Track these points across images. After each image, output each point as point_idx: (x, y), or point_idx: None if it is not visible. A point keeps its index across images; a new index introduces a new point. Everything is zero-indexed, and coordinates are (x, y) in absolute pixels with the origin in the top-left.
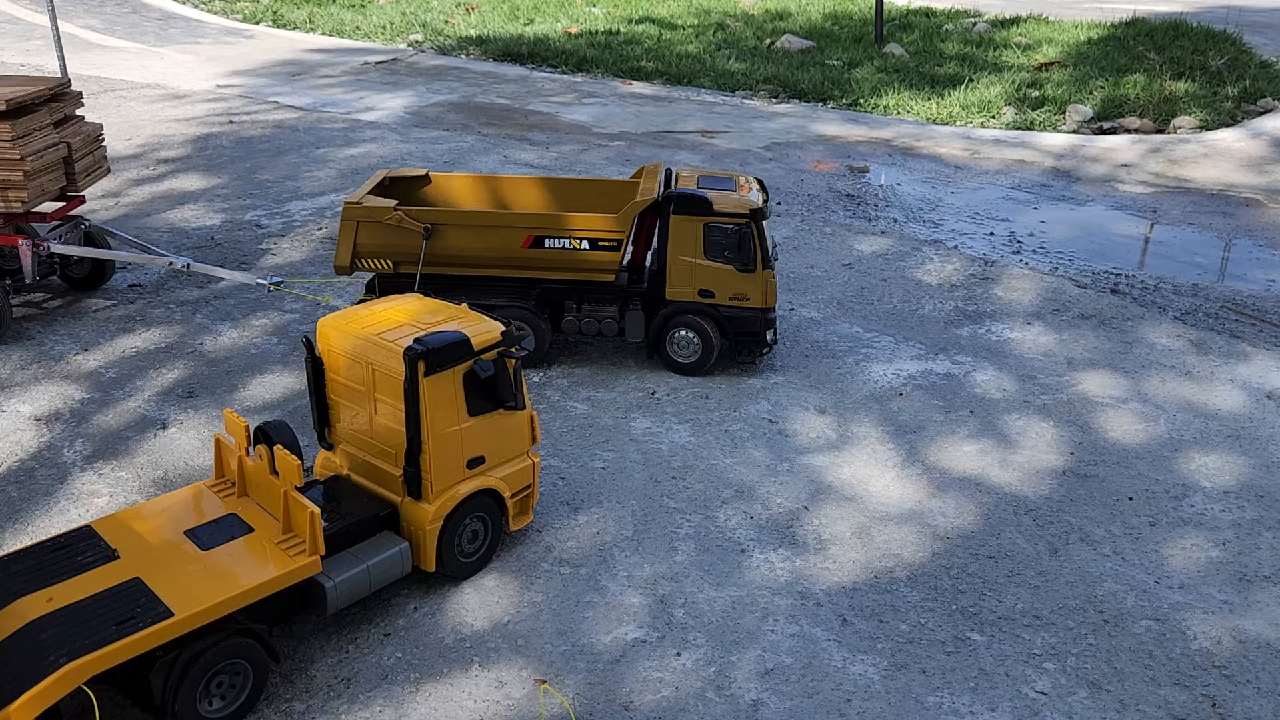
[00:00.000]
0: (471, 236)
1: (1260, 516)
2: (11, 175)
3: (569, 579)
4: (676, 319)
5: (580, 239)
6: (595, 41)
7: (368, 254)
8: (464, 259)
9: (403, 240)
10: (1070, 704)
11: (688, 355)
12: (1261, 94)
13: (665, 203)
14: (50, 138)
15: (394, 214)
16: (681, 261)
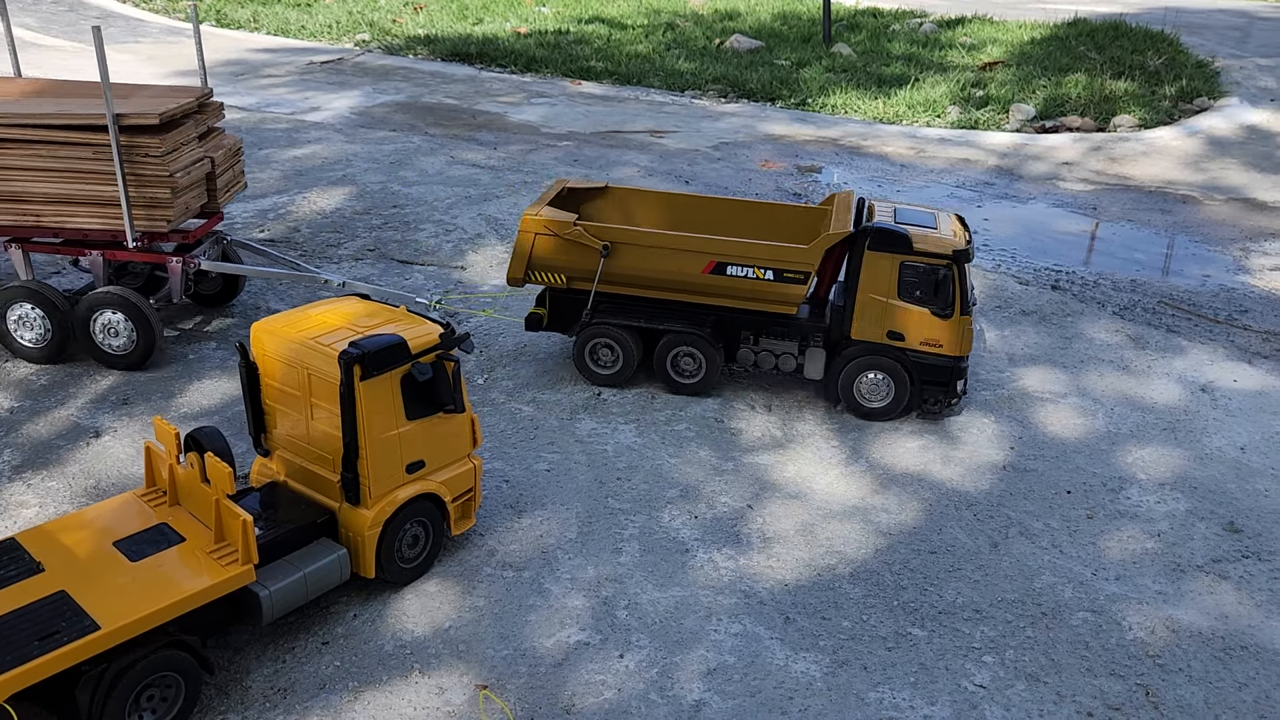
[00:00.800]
0: (651, 257)
1: (1194, 508)
2: (159, 193)
3: (512, 582)
4: (864, 360)
5: (765, 269)
6: (544, 41)
7: (542, 267)
8: (640, 280)
9: (580, 256)
10: (1008, 696)
11: (879, 400)
12: (1198, 93)
13: (861, 236)
14: (196, 152)
15: (574, 229)
16: (872, 300)
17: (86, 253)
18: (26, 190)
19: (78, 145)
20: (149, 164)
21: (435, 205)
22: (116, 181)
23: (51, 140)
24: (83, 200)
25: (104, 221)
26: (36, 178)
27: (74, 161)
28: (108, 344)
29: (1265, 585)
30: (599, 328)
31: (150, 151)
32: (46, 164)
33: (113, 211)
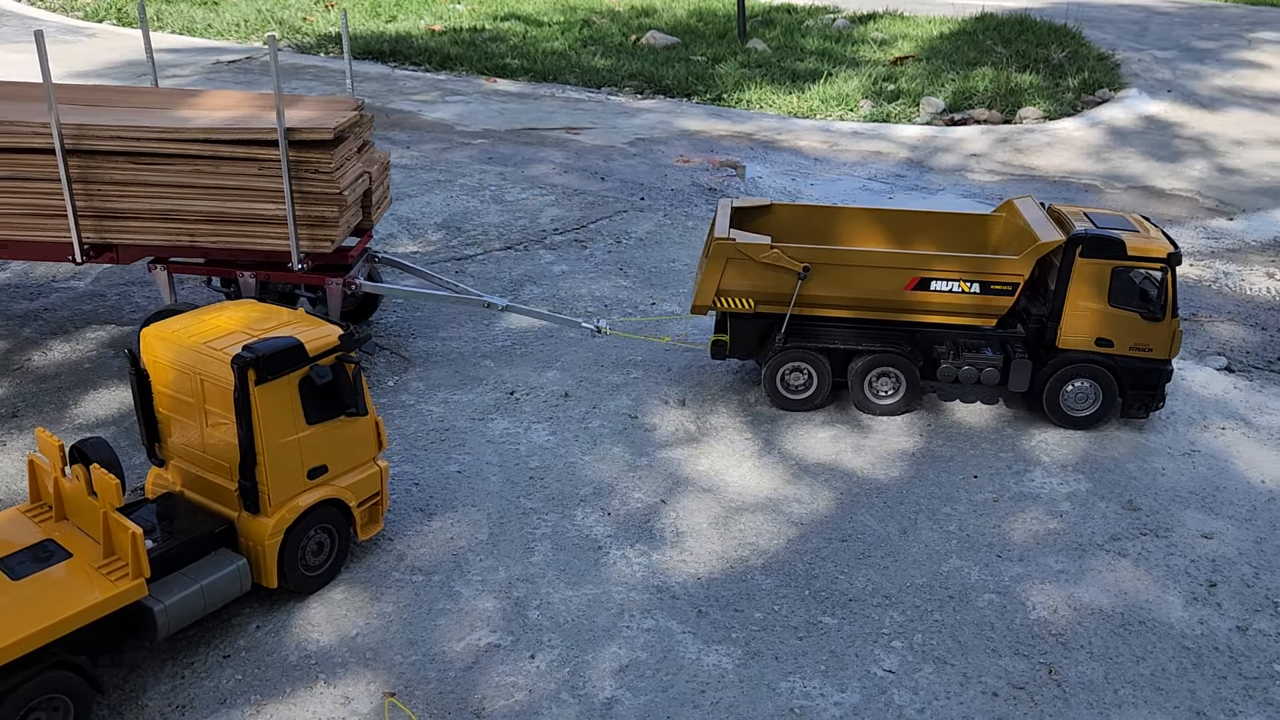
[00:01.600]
0: (851, 276)
1: (1093, 488)
2: (326, 211)
3: (421, 587)
4: (1070, 369)
5: (972, 281)
6: (459, 39)
7: (731, 293)
8: (835, 300)
9: (772, 279)
10: (916, 680)
11: (1084, 408)
12: (1099, 85)
13: (1071, 244)
14: (357, 167)
15: (771, 251)
16: (1082, 307)
17: (240, 274)
18: (183, 208)
19: (243, 161)
20: (318, 181)
21: None
22: (281, 199)
23: (216, 155)
24: (242, 219)
25: (265, 241)
26: (195, 195)
27: (237, 178)
28: None
29: (1161, 561)
30: (793, 352)
31: (320, 167)
32: (207, 180)
33: (274, 230)
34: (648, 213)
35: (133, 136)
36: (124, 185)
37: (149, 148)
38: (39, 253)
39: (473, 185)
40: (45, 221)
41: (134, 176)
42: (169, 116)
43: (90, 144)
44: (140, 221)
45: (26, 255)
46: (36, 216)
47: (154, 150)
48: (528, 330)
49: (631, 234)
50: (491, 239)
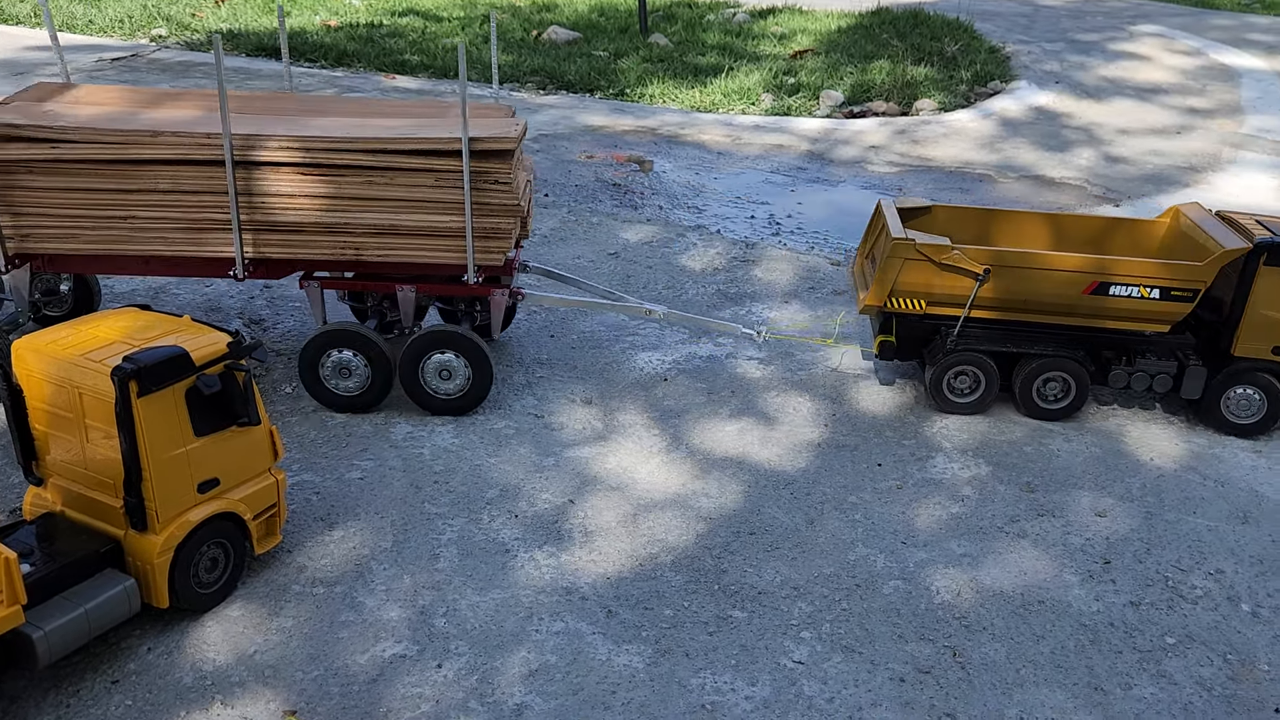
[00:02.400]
0: (1029, 280)
1: (993, 471)
2: (502, 222)
3: (323, 599)
4: (1237, 376)
5: (1152, 287)
6: (356, 35)
7: (904, 293)
8: (1008, 303)
9: (948, 280)
10: (825, 670)
11: (1248, 416)
12: (991, 77)
13: (1256, 252)
14: (522, 176)
15: (952, 253)
16: (1263, 316)
17: (398, 287)
18: (351, 221)
19: (420, 172)
20: (496, 191)
21: None
22: (456, 210)
23: (391, 167)
24: (412, 231)
25: (435, 254)
26: (364, 207)
27: (411, 190)
28: (438, 388)
29: (1059, 541)
30: (963, 354)
31: (500, 178)
32: (379, 192)
33: (445, 243)
34: (552, 209)
35: (304, 147)
36: (290, 198)
37: (320, 159)
38: (194, 268)
39: None
40: (203, 236)
41: (302, 189)
42: (337, 126)
43: (259, 155)
44: (304, 235)
45: (180, 271)
46: (195, 231)
47: (326, 161)
48: None
49: (536, 230)
50: None
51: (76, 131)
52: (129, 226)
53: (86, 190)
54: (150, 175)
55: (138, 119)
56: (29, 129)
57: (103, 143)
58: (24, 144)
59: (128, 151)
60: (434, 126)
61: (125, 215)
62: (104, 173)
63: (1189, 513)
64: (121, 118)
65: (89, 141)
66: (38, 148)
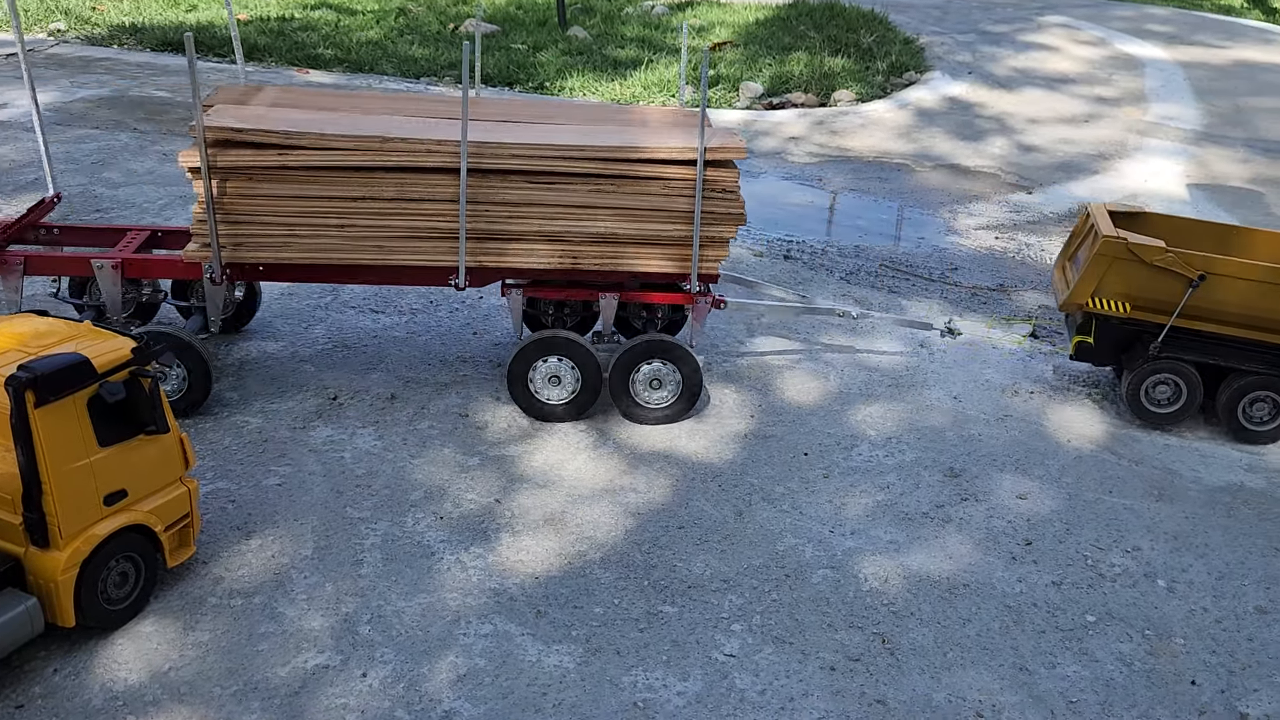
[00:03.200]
0: (1247, 291)
1: (918, 457)
2: (726, 231)
3: (241, 611)
4: None
5: None
6: (267, 28)
7: (1109, 294)
8: (1221, 315)
9: (1158, 284)
10: (757, 662)
11: None
12: (906, 68)
13: None
14: None
15: (1166, 255)
16: None
17: (601, 295)
18: (571, 229)
19: (650, 180)
20: (724, 200)
21: (146, 208)
22: (682, 219)
23: (621, 175)
24: (632, 240)
25: (652, 262)
26: (588, 215)
27: (639, 198)
28: (648, 399)
29: (982, 524)
30: (1166, 363)
31: (728, 187)
32: (605, 201)
33: (665, 251)
34: None
35: (536, 155)
36: (515, 206)
37: (551, 166)
38: (404, 277)
39: None
40: (419, 244)
41: (529, 197)
42: (563, 133)
43: (490, 163)
44: (524, 243)
45: (388, 279)
46: (412, 239)
47: (556, 169)
48: (349, 332)
49: None
50: None
51: (303, 137)
52: (345, 235)
53: (306, 197)
54: (375, 182)
55: (363, 125)
56: (253, 134)
57: (332, 149)
58: (248, 150)
59: (357, 158)
60: (655, 135)
61: (343, 224)
62: (328, 179)
63: (1107, 492)
64: (345, 123)
65: (318, 148)
66: (264, 154)
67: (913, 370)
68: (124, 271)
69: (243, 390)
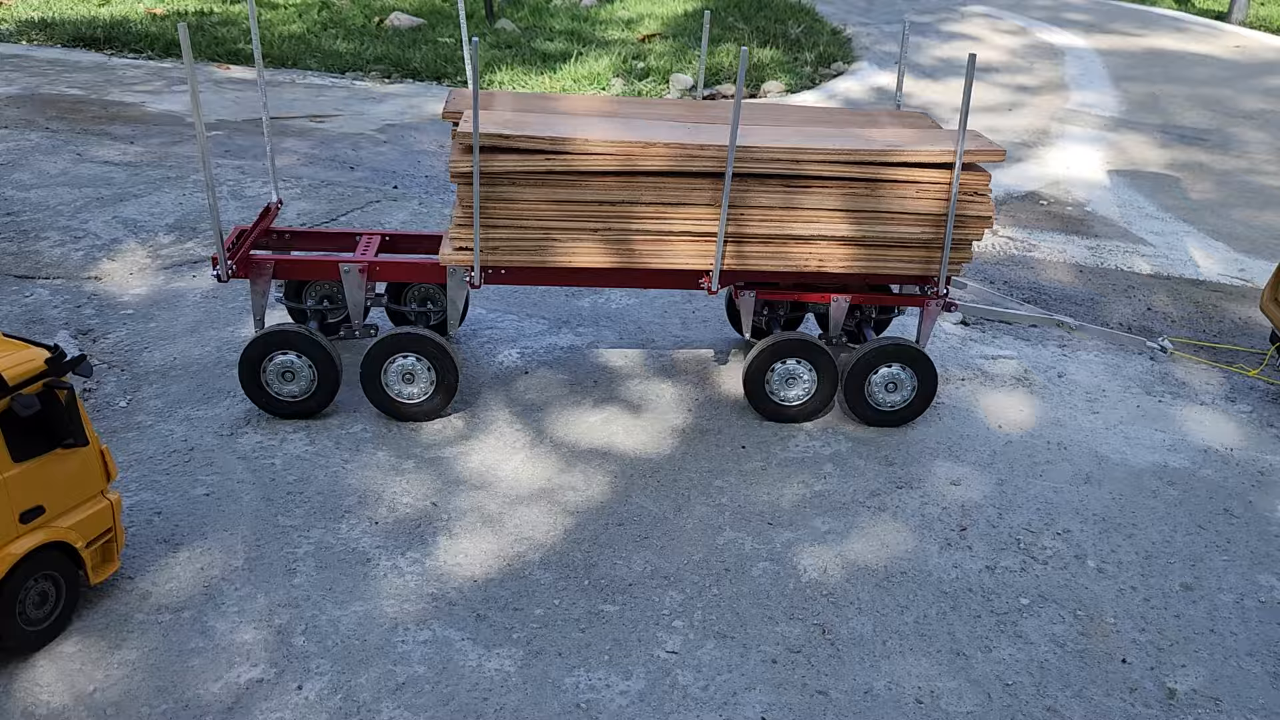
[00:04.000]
0: None
1: (854, 447)
2: (973, 234)
3: (169, 626)
4: None
5: None
6: (185, 23)
7: None
8: None
9: None
10: (699, 657)
11: None
12: (834, 58)
13: None
14: None
15: None
16: None
17: (832, 297)
18: (819, 233)
19: (904, 184)
20: (975, 204)
21: (59, 210)
22: (932, 223)
23: (876, 179)
24: (877, 242)
25: (895, 265)
26: (837, 219)
27: (890, 201)
28: (885, 401)
29: (916, 511)
30: None
31: (979, 190)
32: (857, 204)
33: (909, 254)
34: (402, 202)
35: (797, 159)
36: (769, 209)
37: (812, 170)
38: (651, 280)
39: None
40: (669, 247)
41: (784, 200)
42: (811, 136)
43: (749, 166)
44: (773, 246)
45: (633, 283)
46: (662, 242)
47: (815, 174)
48: None
49: (386, 225)
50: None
51: (569, 142)
52: (599, 238)
53: (566, 202)
54: (635, 187)
55: (621, 130)
56: (521, 140)
57: (596, 154)
58: (515, 155)
59: (620, 163)
60: (902, 138)
61: (599, 227)
62: (589, 184)
63: (1036, 477)
64: (604, 128)
65: (583, 153)
66: (531, 159)
67: None
68: (369, 275)
69: (167, 398)
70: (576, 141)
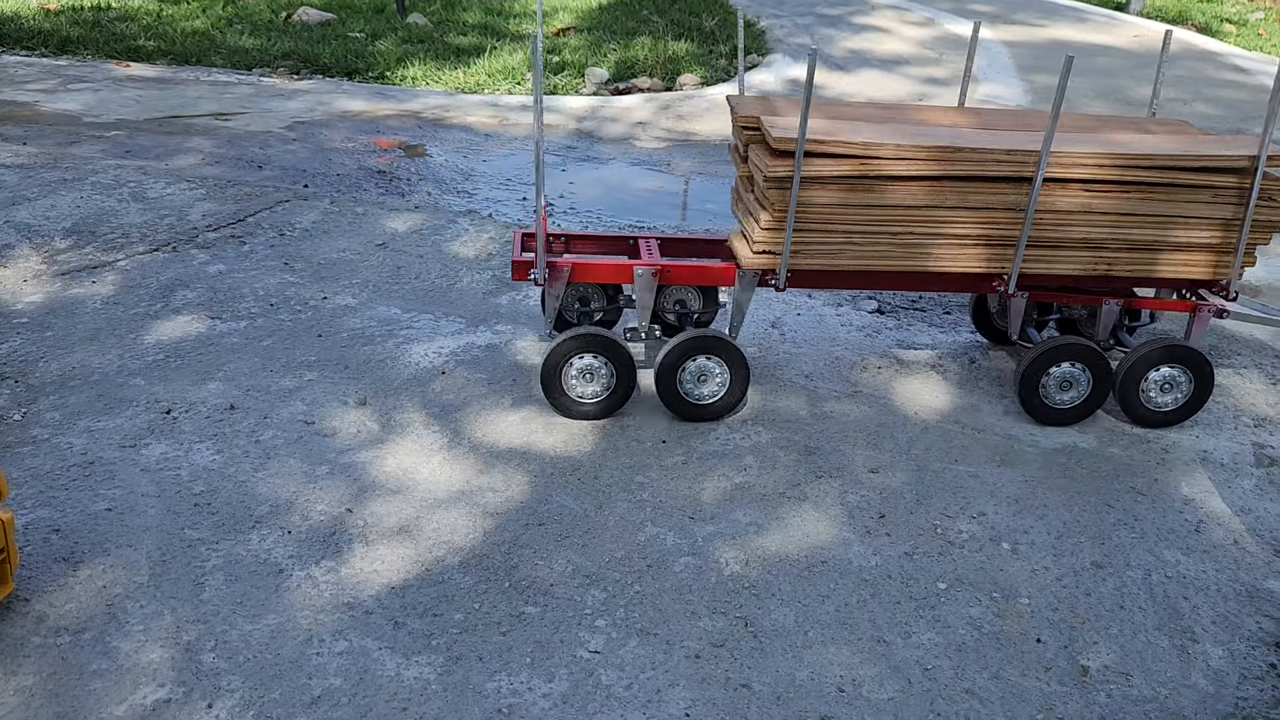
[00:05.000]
0: None
1: (774, 438)
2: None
3: (69, 649)
4: None
5: None
6: (81, 19)
7: None
8: None
9: None
10: (622, 656)
11: None
12: (748, 51)
13: None
14: None
15: None
16: None
17: (1104, 300)
18: (1110, 236)
19: (1199, 188)
20: (1270, 209)
21: None
22: (1224, 227)
23: (1174, 183)
24: (1164, 246)
25: (1179, 269)
26: (1129, 223)
27: (1184, 206)
28: (1160, 402)
29: (837, 500)
30: None
31: (1275, 195)
32: (1151, 209)
33: (1191, 258)
34: (313, 201)
35: (1101, 164)
36: (1066, 214)
37: (1114, 175)
38: (940, 284)
39: (107, 183)
40: (966, 251)
41: (1081, 204)
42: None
43: (1052, 171)
44: (1064, 250)
45: (921, 285)
46: (959, 246)
47: (1117, 179)
48: (183, 340)
49: (296, 225)
50: (133, 242)
51: (882, 148)
52: (896, 242)
53: (870, 206)
54: (940, 191)
55: (922, 135)
56: (835, 145)
57: (906, 159)
58: (828, 160)
59: (928, 168)
60: (1202, 144)
61: (897, 231)
62: (896, 189)
63: (953, 461)
64: (908, 133)
65: (894, 158)
66: (843, 164)
67: (765, 352)
68: (660, 278)
69: (65, 409)
70: (888, 147)
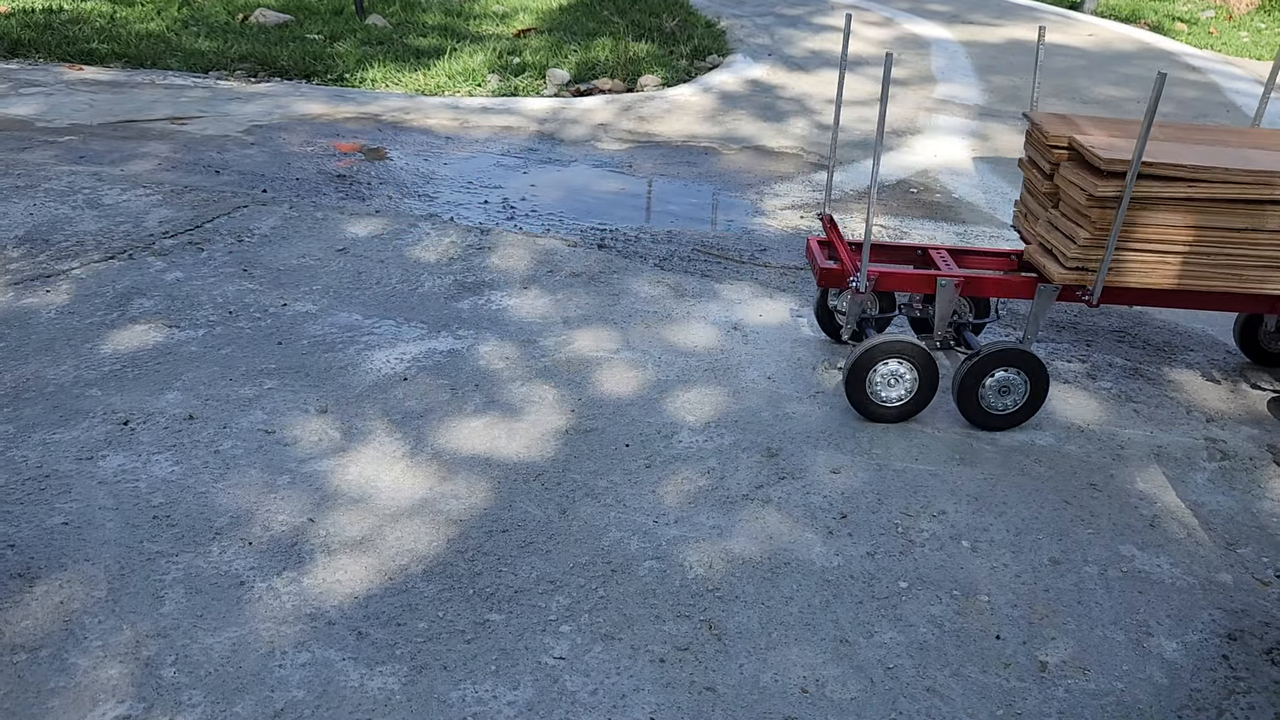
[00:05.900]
0: None
1: (737, 440)
2: None
3: (25, 667)
4: None
5: None
6: (32, 21)
7: None
8: None
9: None
10: (587, 661)
11: None
12: (709, 51)
13: None
14: None
15: None
16: None
17: None
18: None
19: None
20: None
21: None
22: None
23: None
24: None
25: None
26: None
27: None
28: None
29: (800, 501)
30: None
31: None
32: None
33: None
34: (271, 206)
35: None
36: None
37: None
38: (1244, 304)
39: (60, 190)
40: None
41: None
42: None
43: None
44: None
45: (1223, 306)
46: (1268, 269)
47: None
48: (140, 349)
49: (255, 230)
50: (89, 250)
51: (1210, 171)
52: (1209, 263)
53: (1188, 227)
54: (1262, 215)
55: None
56: (1163, 168)
57: (1232, 182)
58: (1156, 182)
59: (1252, 191)
60: None
61: (1213, 252)
62: (1216, 211)
63: (913, 460)
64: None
65: (1221, 181)
66: (1172, 186)
67: (728, 354)
68: (961, 290)
69: (19, 422)
70: (1217, 171)
